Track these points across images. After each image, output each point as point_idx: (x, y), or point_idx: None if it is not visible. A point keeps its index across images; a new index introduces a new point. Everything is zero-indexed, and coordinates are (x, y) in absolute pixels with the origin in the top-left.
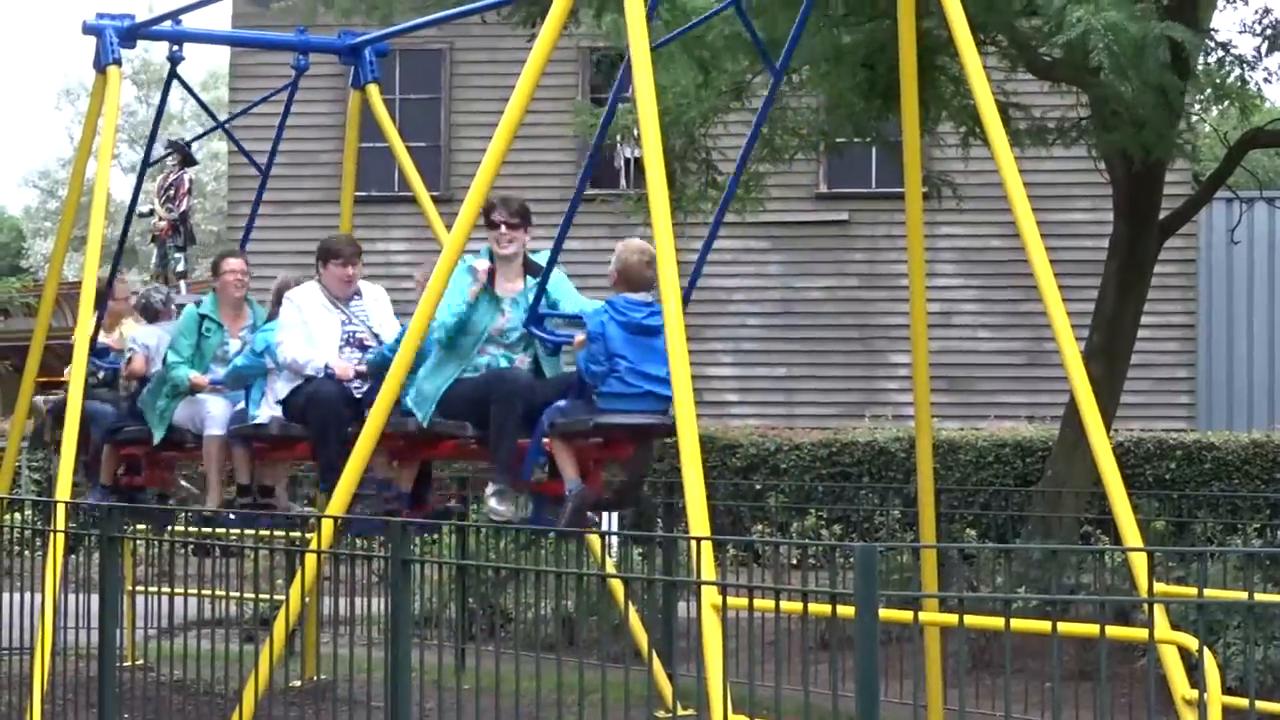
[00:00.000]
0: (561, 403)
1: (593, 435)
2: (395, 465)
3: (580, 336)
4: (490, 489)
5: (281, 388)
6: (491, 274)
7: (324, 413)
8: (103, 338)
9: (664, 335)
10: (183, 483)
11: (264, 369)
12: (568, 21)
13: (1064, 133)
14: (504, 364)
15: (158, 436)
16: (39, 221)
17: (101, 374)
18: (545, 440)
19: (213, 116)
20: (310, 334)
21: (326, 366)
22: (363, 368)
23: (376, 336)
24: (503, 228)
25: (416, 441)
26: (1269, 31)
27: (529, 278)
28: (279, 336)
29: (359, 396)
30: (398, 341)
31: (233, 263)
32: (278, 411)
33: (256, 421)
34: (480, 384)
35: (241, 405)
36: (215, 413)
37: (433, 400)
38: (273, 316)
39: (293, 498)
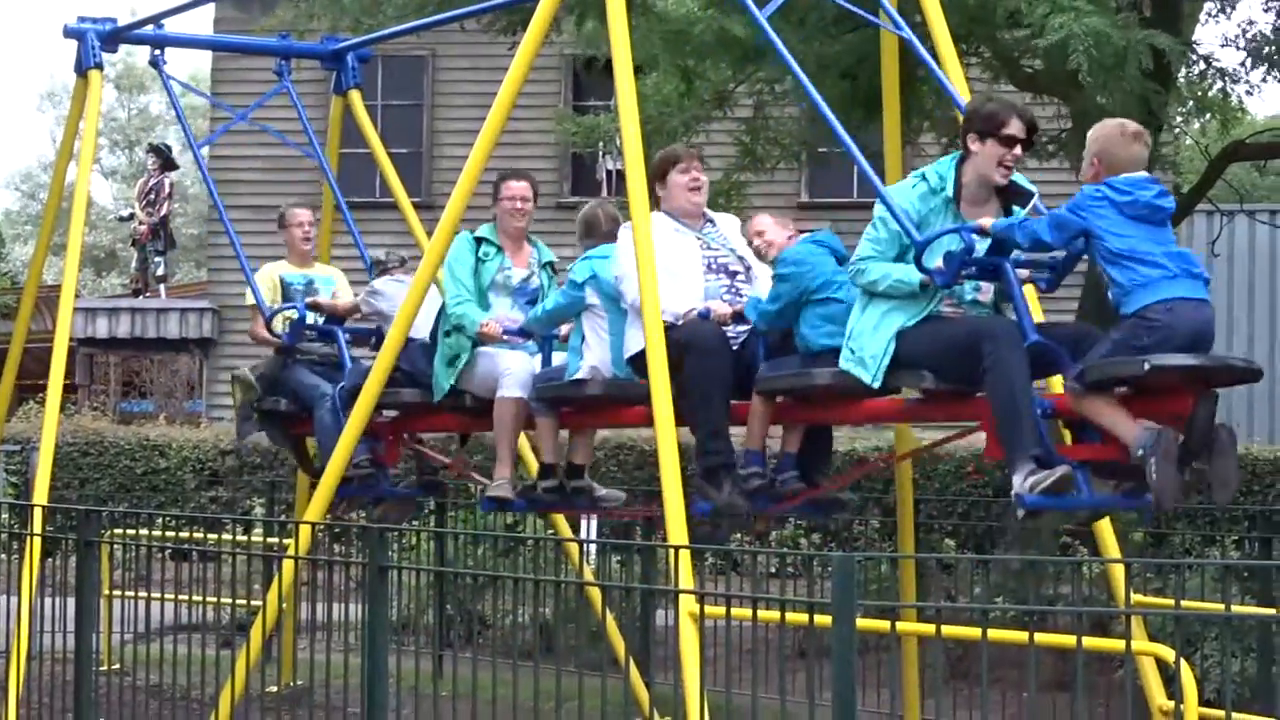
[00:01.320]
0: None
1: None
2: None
3: (985, 222)
4: (1021, 474)
5: (639, 337)
6: (959, 194)
7: (710, 366)
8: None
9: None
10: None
11: (583, 307)
12: (550, 30)
13: (1042, 146)
14: (968, 289)
15: (438, 395)
16: (20, 226)
17: (304, 330)
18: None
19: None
20: (663, 265)
21: (705, 309)
22: (740, 306)
23: (744, 263)
24: (1018, 149)
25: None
26: (1252, 44)
27: (1016, 207)
28: (623, 269)
29: (736, 347)
30: (774, 300)
31: (515, 186)
32: (600, 363)
33: (576, 377)
34: (959, 331)
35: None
36: (515, 368)
37: (884, 354)
38: (589, 246)
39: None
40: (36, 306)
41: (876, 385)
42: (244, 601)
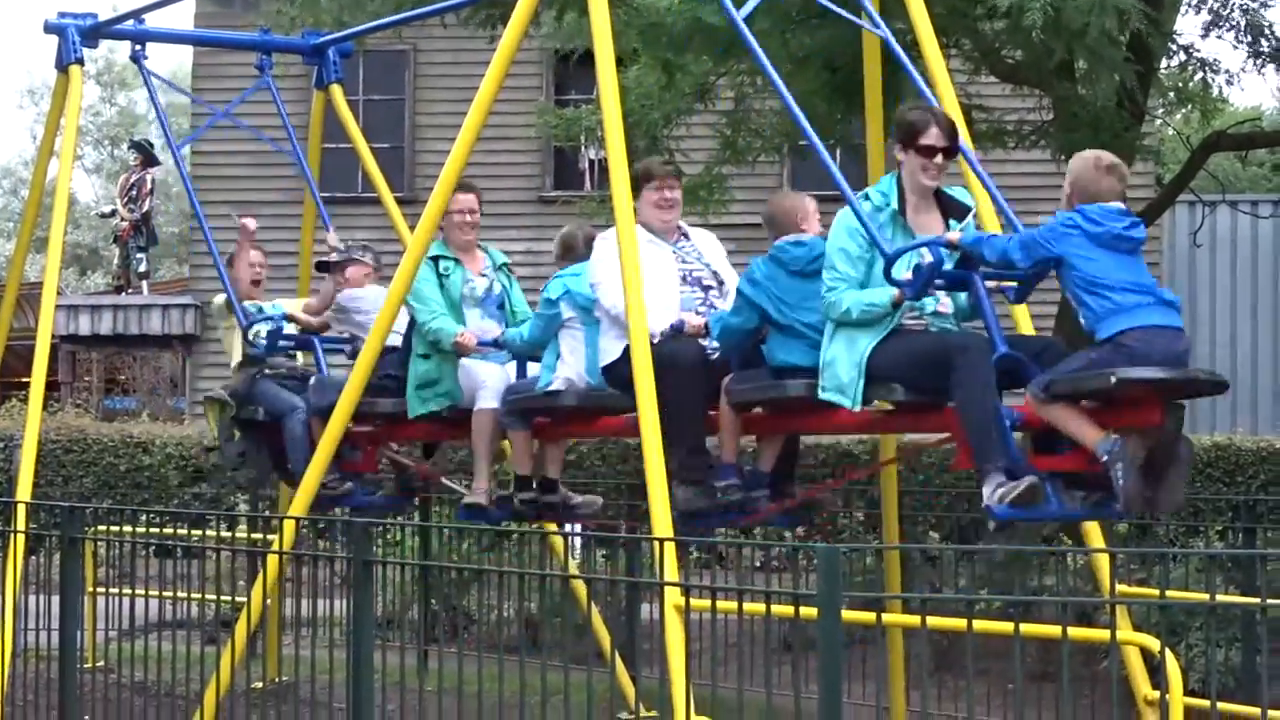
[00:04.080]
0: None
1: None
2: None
3: (953, 235)
4: (990, 485)
5: (612, 346)
6: (903, 207)
7: (687, 383)
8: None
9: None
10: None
11: (560, 323)
12: (530, 23)
13: (1023, 136)
14: (928, 304)
15: (416, 412)
16: (1, 223)
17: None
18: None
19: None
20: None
21: (679, 321)
22: (706, 319)
23: (718, 277)
24: (939, 157)
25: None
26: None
27: (952, 220)
28: (598, 276)
29: (713, 357)
30: (732, 316)
31: (462, 198)
32: (575, 375)
33: (551, 389)
34: (929, 345)
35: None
36: (491, 380)
37: (859, 375)
38: (566, 264)
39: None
40: (18, 304)
41: (858, 409)
42: (228, 598)
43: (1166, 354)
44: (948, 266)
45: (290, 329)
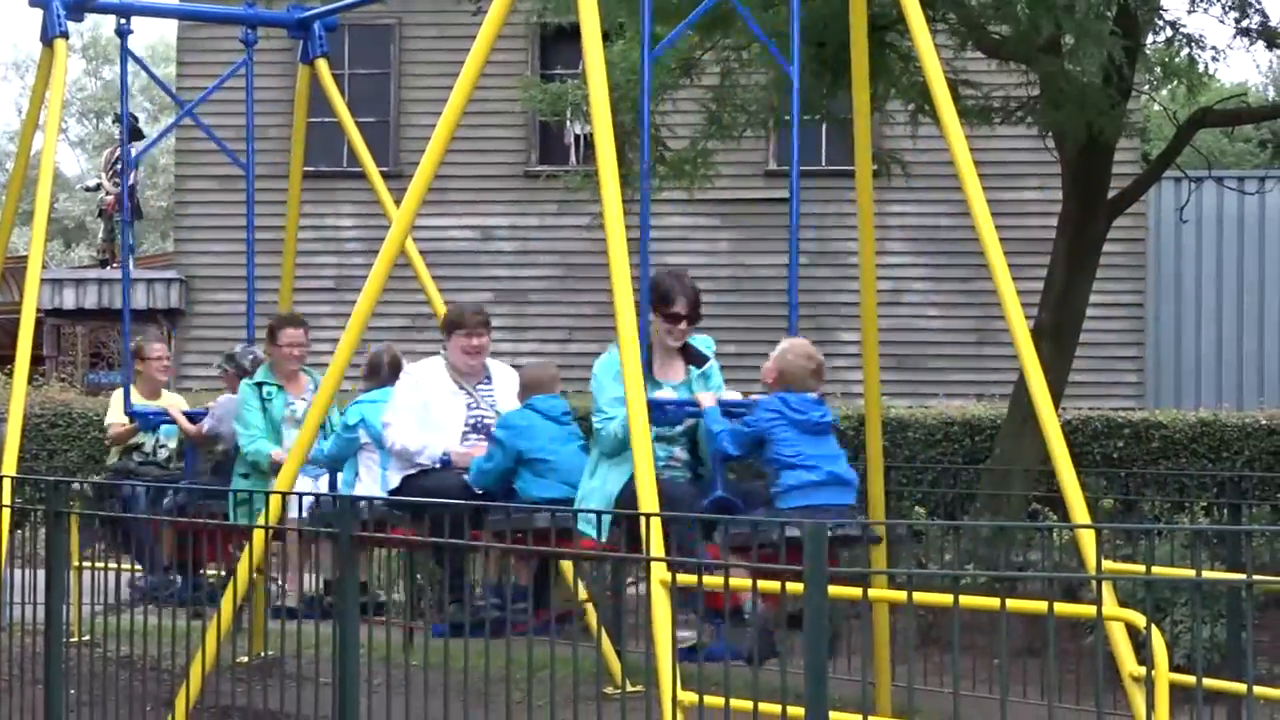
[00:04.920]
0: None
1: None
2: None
3: (706, 397)
4: None
5: (393, 476)
6: (650, 358)
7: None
8: (144, 403)
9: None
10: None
11: (357, 447)
12: None
13: (1010, 112)
14: (661, 457)
15: (237, 520)
16: None
17: (154, 445)
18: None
19: (178, 101)
20: (429, 418)
21: (445, 454)
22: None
23: None
24: (683, 324)
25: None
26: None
27: (691, 367)
28: (387, 417)
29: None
30: (486, 460)
31: (292, 333)
32: (372, 492)
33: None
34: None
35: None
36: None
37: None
38: (370, 387)
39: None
40: (3, 278)
41: (604, 540)
42: (214, 572)
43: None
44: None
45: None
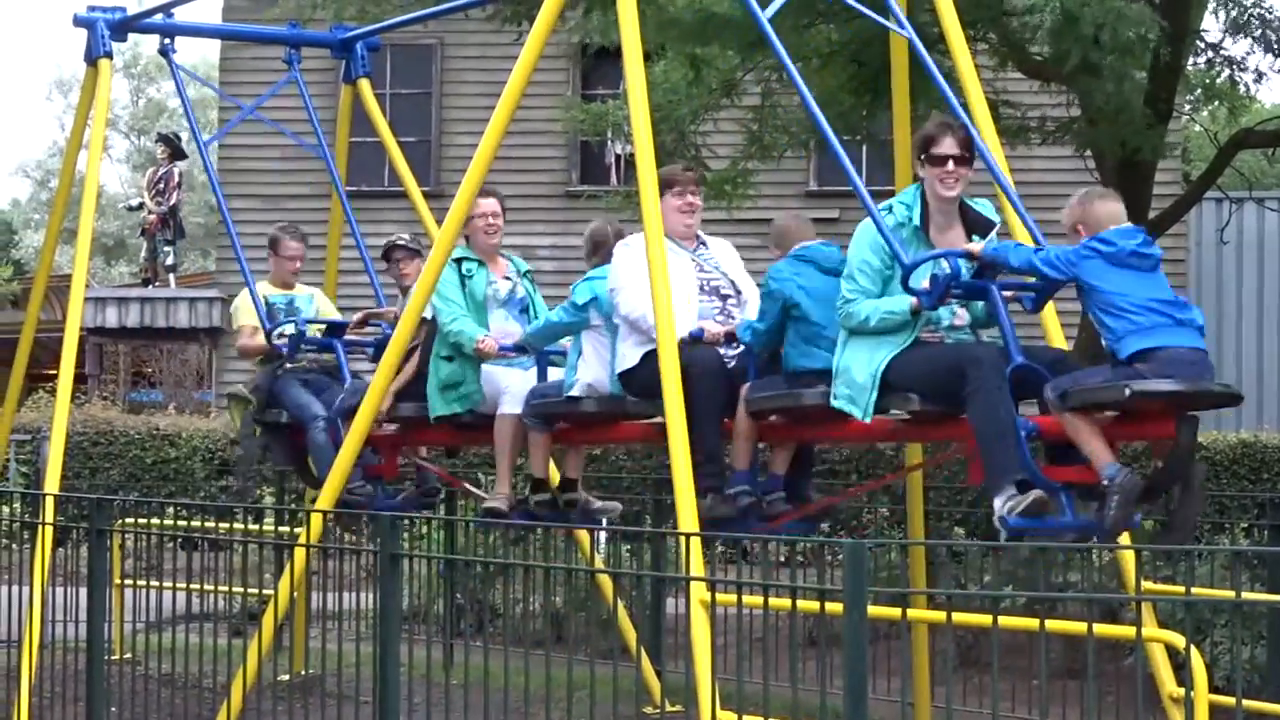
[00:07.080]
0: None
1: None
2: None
3: (974, 247)
4: (1001, 497)
5: (630, 352)
6: (926, 221)
7: (705, 390)
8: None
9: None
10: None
11: (583, 325)
12: (557, 19)
13: (1048, 132)
14: (944, 317)
15: (438, 413)
16: (30, 213)
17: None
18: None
19: (237, 104)
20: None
21: (698, 329)
22: (732, 327)
23: (736, 287)
24: (952, 165)
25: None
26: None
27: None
28: (618, 282)
29: (730, 365)
30: (759, 321)
31: (485, 203)
32: (596, 381)
33: (572, 394)
34: (944, 357)
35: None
36: (514, 386)
37: (873, 386)
38: (596, 264)
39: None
40: (46, 296)
41: (868, 420)
42: (255, 590)
43: (1188, 374)
44: (966, 277)
45: (313, 331)
